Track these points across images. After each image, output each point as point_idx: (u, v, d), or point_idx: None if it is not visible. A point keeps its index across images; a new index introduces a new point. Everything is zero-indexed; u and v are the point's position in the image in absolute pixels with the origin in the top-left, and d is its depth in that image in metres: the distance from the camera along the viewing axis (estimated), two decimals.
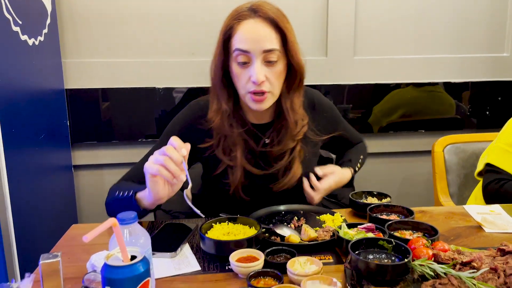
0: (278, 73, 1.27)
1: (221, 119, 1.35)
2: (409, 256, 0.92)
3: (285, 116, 1.37)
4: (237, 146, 1.37)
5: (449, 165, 2.05)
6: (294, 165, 1.42)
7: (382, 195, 1.44)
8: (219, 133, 1.37)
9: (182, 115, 1.46)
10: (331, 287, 0.91)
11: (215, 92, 1.36)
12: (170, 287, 0.98)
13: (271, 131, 1.42)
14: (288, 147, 1.41)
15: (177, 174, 1.04)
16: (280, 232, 1.21)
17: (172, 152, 1.03)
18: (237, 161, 1.37)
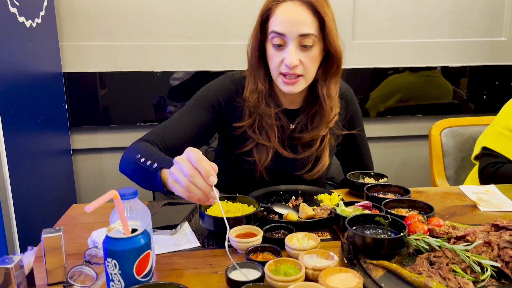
0: (313, 58, 1.25)
1: (257, 99, 1.33)
2: (404, 230, 0.94)
3: (320, 102, 1.35)
4: (271, 126, 1.37)
5: (446, 149, 2.06)
6: (324, 154, 1.43)
7: (379, 175, 1.45)
8: (255, 112, 1.36)
9: (221, 85, 1.40)
10: (328, 261, 0.92)
11: (252, 72, 1.34)
12: (170, 262, 1.00)
13: (303, 116, 1.40)
14: (320, 134, 1.40)
15: (203, 201, 0.93)
16: (278, 211, 1.23)
17: (198, 181, 0.89)
18: (270, 141, 1.37)
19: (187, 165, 0.88)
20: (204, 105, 1.37)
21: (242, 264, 0.92)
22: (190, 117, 1.36)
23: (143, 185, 1.16)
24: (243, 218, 1.10)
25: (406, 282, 0.85)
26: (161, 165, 1.07)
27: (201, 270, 0.96)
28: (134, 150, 1.20)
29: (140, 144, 1.25)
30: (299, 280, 0.85)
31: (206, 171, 0.87)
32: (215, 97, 1.38)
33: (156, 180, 1.07)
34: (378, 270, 0.89)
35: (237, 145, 1.41)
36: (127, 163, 1.21)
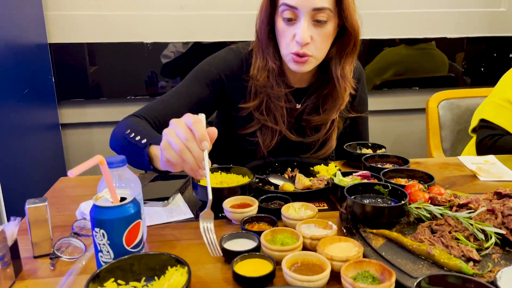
0: (326, 35, 1.14)
1: (267, 77, 1.23)
2: (405, 199, 0.91)
3: (333, 83, 1.25)
4: (279, 108, 1.28)
5: (443, 121, 2.03)
6: (332, 137, 1.35)
7: (377, 146, 1.42)
8: (262, 92, 1.26)
9: (224, 59, 1.29)
10: (326, 231, 0.89)
11: (260, 47, 1.23)
12: (162, 233, 0.96)
13: (313, 97, 1.31)
14: (331, 118, 1.31)
15: (194, 170, 0.85)
16: (274, 182, 1.19)
17: (192, 145, 0.81)
18: (277, 124, 1.28)
19: (183, 127, 0.81)
20: (204, 80, 1.27)
21: (237, 234, 0.88)
22: (188, 93, 1.26)
23: (132, 162, 1.10)
24: (237, 189, 1.06)
25: (408, 250, 0.82)
26: (150, 141, 1.00)
27: (195, 241, 0.92)
28: (124, 125, 1.14)
29: (132, 119, 1.18)
30: (296, 250, 0.82)
31: (201, 134, 0.80)
32: (216, 72, 1.28)
33: (143, 156, 1.00)
34: (378, 239, 0.86)
35: (240, 125, 1.33)
36: (116, 139, 1.14)
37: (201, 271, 0.81)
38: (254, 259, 0.80)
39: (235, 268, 0.76)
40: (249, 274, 0.74)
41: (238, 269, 0.76)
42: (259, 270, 0.76)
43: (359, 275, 0.74)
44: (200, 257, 0.86)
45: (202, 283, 0.78)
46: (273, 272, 0.76)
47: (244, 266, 0.78)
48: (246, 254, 0.80)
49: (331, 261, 0.76)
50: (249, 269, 0.77)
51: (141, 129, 1.09)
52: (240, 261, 0.79)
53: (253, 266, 0.78)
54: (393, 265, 0.77)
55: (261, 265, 0.78)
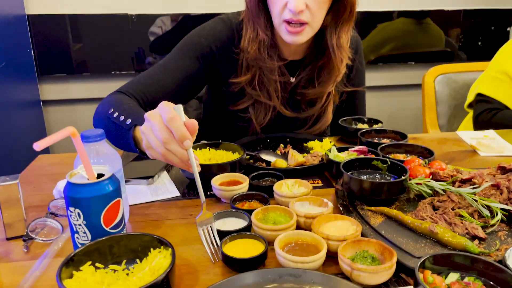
0: (322, 2, 1.06)
1: (258, 50, 1.14)
2: (406, 174, 0.85)
3: (329, 53, 1.17)
4: (273, 82, 1.19)
5: (440, 96, 1.97)
6: (327, 111, 1.27)
7: (373, 121, 1.36)
8: (254, 65, 1.18)
9: (214, 31, 1.20)
10: (321, 208, 0.84)
11: (251, 17, 1.14)
12: (146, 213, 0.90)
13: (308, 69, 1.23)
14: (327, 90, 1.23)
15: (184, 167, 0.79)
16: (265, 158, 1.13)
17: (174, 148, 0.74)
18: (271, 99, 1.20)
19: (160, 126, 0.74)
20: (193, 53, 1.18)
21: (227, 213, 0.83)
22: (176, 67, 1.17)
23: (117, 143, 1.02)
24: (227, 165, 0.99)
25: (408, 228, 0.77)
26: (135, 122, 0.92)
27: (181, 221, 0.86)
28: (108, 103, 1.04)
29: (116, 97, 1.08)
30: (290, 229, 0.76)
31: (180, 134, 0.72)
32: (206, 45, 1.19)
33: (129, 139, 0.92)
34: (377, 217, 0.81)
35: (232, 101, 1.25)
36: (100, 118, 1.04)
37: (187, 253, 0.76)
38: (245, 240, 0.74)
39: (225, 249, 0.70)
40: (239, 256, 0.69)
41: (228, 250, 0.70)
42: (250, 251, 0.71)
43: (357, 255, 0.69)
44: (186, 238, 0.80)
45: (188, 266, 0.72)
46: (265, 253, 0.70)
47: (234, 247, 0.72)
48: (236, 234, 0.74)
49: (327, 241, 0.71)
50: (239, 250, 0.71)
51: (126, 108, 1.00)
52: (230, 241, 0.73)
53: (243, 246, 0.72)
54: (393, 244, 0.72)
55: (252, 245, 0.73)
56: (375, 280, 0.64)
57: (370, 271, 0.63)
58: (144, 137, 0.79)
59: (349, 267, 0.65)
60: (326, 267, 0.71)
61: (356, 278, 0.65)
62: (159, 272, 0.62)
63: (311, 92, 1.23)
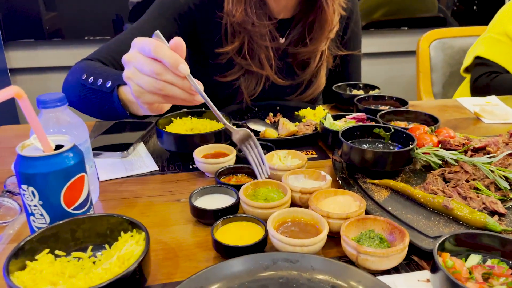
0: None
1: (245, 12, 1.02)
2: (413, 142, 0.76)
3: (321, 4, 1.05)
4: (264, 48, 1.07)
5: (435, 63, 1.88)
6: (320, 73, 1.16)
7: (369, 87, 1.25)
8: (242, 31, 1.06)
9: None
10: (318, 182, 0.74)
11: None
12: (119, 189, 0.79)
13: (298, 27, 1.11)
14: (320, 48, 1.11)
15: (188, 100, 0.68)
16: (254, 128, 1.02)
17: (169, 77, 0.64)
18: (263, 68, 1.08)
19: (145, 61, 0.63)
20: (169, 12, 1.06)
21: (211, 189, 0.72)
22: (151, 28, 1.02)
23: (98, 113, 0.90)
24: (211, 135, 0.88)
25: (418, 204, 0.68)
26: (117, 82, 0.81)
27: (159, 198, 0.76)
28: (78, 70, 0.92)
29: (85, 63, 0.96)
30: (284, 206, 0.66)
31: (172, 59, 0.62)
32: (185, 3, 1.07)
33: (114, 103, 0.80)
34: (381, 191, 0.72)
35: (219, 72, 1.13)
36: (71, 87, 0.92)
37: (166, 236, 0.66)
38: (240, 223, 0.64)
39: (217, 235, 0.60)
40: (234, 243, 0.59)
41: (221, 236, 0.60)
42: (247, 236, 0.61)
43: (363, 235, 0.60)
44: (165, 218, 0.70)
45: (167, 251, 0.62)
46: (265, 239, 0.60)
47: (227, 232, 0.62)
48: (231, 216, 0.63)
49: (327, 219, 0.61)
50: (234, 235, 0.61)
51: (101, 71, 0.88)
52: (222, 225, 0.63)
53: (239, 232, 0.62)
54: (402, 222, 0.63)
55: (249, 230, 0.63)
56: (385, 265, 0.55)
57: (380, 254, 0.54)
58: (131, 84, 0.67)
59: (354, 250, 0.56)
60: (326, 250, 0.62)
61: (362, 263, 0.56)
62: (130, 261, 0.52)
63: (303, 52, 1.12)
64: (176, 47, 0.63)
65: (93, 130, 1.08)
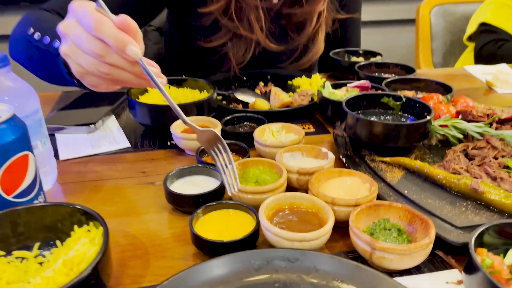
0: None
1: None
2: (429, 113, 0.64)
3: None
4: (253, 8, 0.93)
5: (435, 31, 1.75)
6: (318, 37, 1.02)
7: (370, 53, 1.13)
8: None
9: None
10: (318, 161, 0.62)
11: None
12: (82, 170, 0.67)
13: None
14: (317, 9, 0.98)
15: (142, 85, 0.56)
16: (242, 98, 0.90)
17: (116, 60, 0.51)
18: (253, 31, 0.95)
19: (85, 37, 0.50)
20: None
21: (192, 169, 0.60)
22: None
23: (47, 77, 0.76)
24: (191, 107, 0.76)
25: (438, 186, 0.57)
26: None
27: (130, 181, 0.64)
28: (26, 22, 0.77)
29: (36, 13, 0.81)
30: (279, 190, 0.55)
31: (117, 40, 0.49)
32: None
33: (59, 66, 0.66)
34: (394, 171, 0.60)
35: (203, 36, 0.99)
36: (18, 44, 0.77)
37: (135, 227, 0.54)
38: (226, 212, 0.52)
39: (197, 228, 0.49)
40: (218, 237, 0.47)
41: (201, 229, 0.49)
42: (233, 228, 0.50)
43: (376, 226, 0.49)
44: (135, 205, 0.58)
45: (136, 246, 0.51)
46: (256, 232, 0.49)
47: (209, 224, 0.50)
48: (214, 204, 0.52)
49: (333, 207, 0.50)
50: (218, 227, 0.50)
51: (51, 26, 0.73)
52: (204, 215, 0.51)
53: (223, 222, 0.51)
54: (423, 209, 0.52)
55: (236, 220, 0.51)
56: (406, 264, 0.44)
57: (400, 251, 0.43)
58: (70, 62, 0.54)
59: (368, 246, 0.45)
60: (330, 243, 0.51)
61: (378, 262, 0.45)
62: (80, 267, 0.40)
63: (298, 13, 0.98)
64: (123, 26, 0.49)
65: (57, 101, 0.94)
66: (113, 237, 0.51)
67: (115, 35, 0.49)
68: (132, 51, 0.50)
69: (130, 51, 0.50)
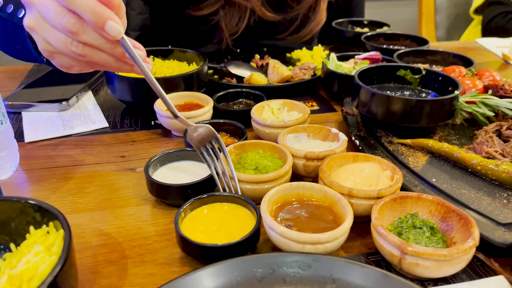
0: None
1: None
2: (458, 88, 0.55)
3: None
4: None
5: (439, 3, 1.65)
6: (320, 7, 0.91)
7: (375, 24, 1.03)
8: None
9: None
10: (328, 143, 0.53)
11: None
12: (51, 154, 0.57)
13: None
14: None
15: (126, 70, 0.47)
16: (236, 72, 0.80)
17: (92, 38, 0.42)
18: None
19: (54, 8, 0.41)
20: None
21: (179, 154, 0.51)
22: None
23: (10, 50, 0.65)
24: (179, 81, 0.66)
25: (470, 173, 0.48)
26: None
27: (106, 167, 0.54)
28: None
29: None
30: (284, 179, 0.46)
31: (94, 14, 0.40)
32: None
33: (25, 40, 0.55)
34: (416, 156, 0.52)
35: (191, 3, 0.89)
36: None
37: (111, 224, 0.45)
38: (219, 206, 0.43)
39: (184, 228, 0.39)
40: (210, 239, 0.38)
41: (190, 229, 0.40)
42: (229, 226, 0.41)
43: (403, 223, 0.40)
44: (112, 196, 0.49)
45: (111, 248, 0.42)
46: (257, 232, 0.40)
47: (199, 222, 0.41)
48: (205, 196, 0.43)
49: (350, 199, 0.42)
50: (210, 226, 0.41)
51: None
52: (192, 211, 0.42)
53: (216, 219, 0.42)
54: (455, 201, 0.43)
55: (231, 216, 0.42)
56: (444, 272, 0.36)
57: (439, 257, 0.35)
58: (36, 37, 0.45)
59: (397, 250, 0.36)
60: (346, 243, 0.42)
61: (409, 268, 0.36)
62: (30, 284, 0.31)
63: None
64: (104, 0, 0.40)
65: (28, 75, 0.83)
66: (84, 237, 0.42)
67: (92, 8, 0.39)
68: (113, 28, 0.40)
69: (110, 29, 0.40)
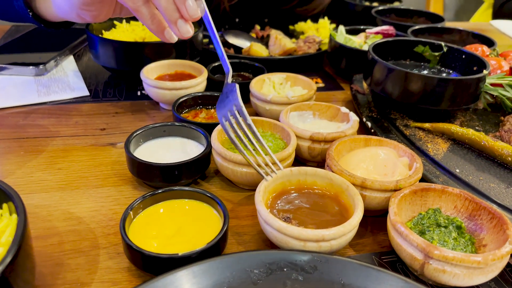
0: None
1: None
2: (485, 68, 0.49)
3: None
4: None
5: None
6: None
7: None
8: None
9: None
10: (336, 124, 0.47)
11: None
12: (21, 124, 0.50)
13: None
14: None
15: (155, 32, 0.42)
16: (234, 42, 0.73)
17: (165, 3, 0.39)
18: None
19: None
20: None
21: (166, 129, 0.45)
22: None
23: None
24: (169, 48, 0.59)
25: (497, 163, 0.42)
26: None
27: (83, 140, 0.48)
28: None
29: None
30: (286, 162, 0.40)
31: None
32: None
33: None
34: (436, 142, 0.46)
35: None
36: None
37: (83, 206, 0.38)
38: (177, 203, 0.36)
39: (131, 233, 0.32)
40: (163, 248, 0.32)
41: (136, 234, 0.33)
42: (189, 231, 0.34)
43: (424, 220, 0.34)
44: (87, 175, 0.43)
45: (81, 236, 0.35)
46: (224, 236, 0.33)
47: (152, 223, 0.34)
48: (161, 191, 0.35)
49: (362, 191, 0.36)
50: (165, 229, 0.34)
51: None
52: (144, 209, 0.35)
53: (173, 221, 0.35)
54: (484, 196, 0.38)
55: (193, 216, 0.36)
56: (474, 281, 0.30)
57: (471, 263, 0.29)
58: None
59: (420, 253, 0.30)
60: (355, 240, 0.36)
61: (432, 275, 0.31)
62: None
63: None
64: None
65: (4, 36, 0.76)
66: (50, 221, 0.36)
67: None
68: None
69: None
